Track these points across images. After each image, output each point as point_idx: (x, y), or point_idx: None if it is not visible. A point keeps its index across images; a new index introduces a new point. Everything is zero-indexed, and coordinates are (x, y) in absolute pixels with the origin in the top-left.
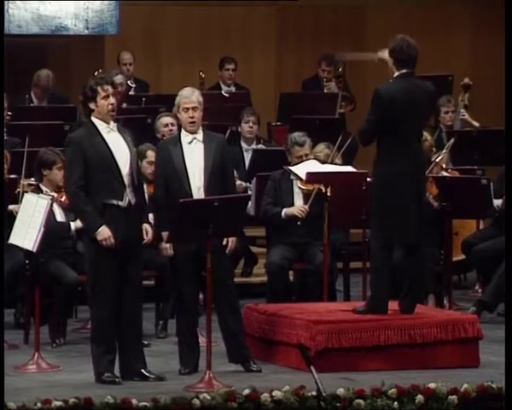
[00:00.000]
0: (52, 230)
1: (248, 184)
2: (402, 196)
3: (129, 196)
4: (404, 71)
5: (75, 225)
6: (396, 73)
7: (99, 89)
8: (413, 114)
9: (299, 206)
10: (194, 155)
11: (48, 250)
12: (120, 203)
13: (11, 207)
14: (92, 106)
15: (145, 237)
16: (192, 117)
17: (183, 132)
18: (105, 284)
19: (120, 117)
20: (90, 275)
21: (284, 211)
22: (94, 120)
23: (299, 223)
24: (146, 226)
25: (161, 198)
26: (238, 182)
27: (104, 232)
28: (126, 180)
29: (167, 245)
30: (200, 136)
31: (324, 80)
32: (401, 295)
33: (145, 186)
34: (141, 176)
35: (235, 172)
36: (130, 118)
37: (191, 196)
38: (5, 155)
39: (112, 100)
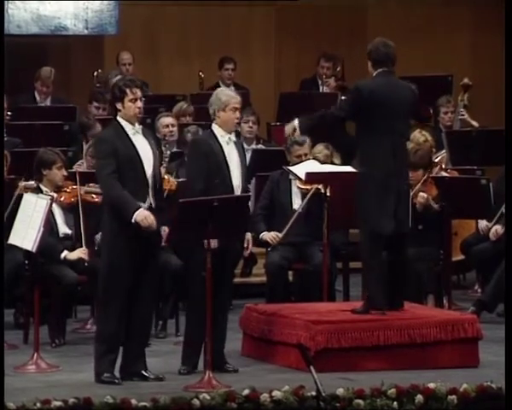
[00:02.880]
0: (44, 249)
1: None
2: (380, 193)
3: (151, 199)
4: (381, 70)
5: (65, 255)
6: (374, 73)
7: (128, 91)
8: (391, 111)
9: (273, 233)
10: (232, 153)
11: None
12: (143, 205)
13: None
14: (119, 106)
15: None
16: (238, 118)
17: (219, 131)
18: (120, 286)
19: None
20: (104, 276)
21: (261, 235)
22: (120, 120)
23: (269, 249)
24: (164, 228)
25: (201, 193)
26: None
27: (142, 213)
28: (150, 182)
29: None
30: (233, 137)
31: (324, 77)
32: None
33: None
34: (161, 179)
35: None
36: None
37: (233, 191)
38: (5, 156)
39: (139, 104)
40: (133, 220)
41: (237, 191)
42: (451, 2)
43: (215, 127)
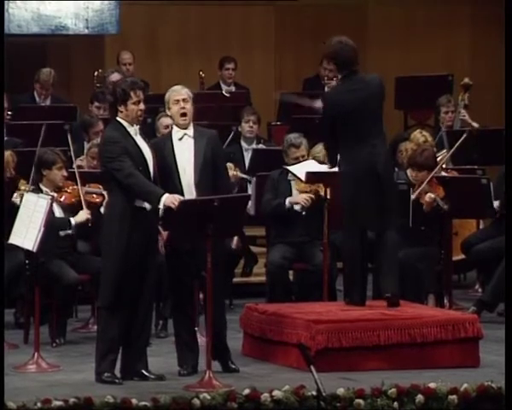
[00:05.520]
0: (52, 225)
1: (245, 175)
2: (359, 190)
3: None
4: (345, 72)
5: (75, 220)
6: (339, 76)
7: (132, 93)
8: (361, 110)
9: (305, 195)
10: (185, 151)
11: (47, 247)
12: (147, 206)
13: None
14: (121, 109)
15: (160, 238)
16: (183, 108)
17: (174, 129)
18: (127, 288)
19: None
20: (111, 279)
21: (288, 199)
22: (121, 121)
23: (304, 213)
24: (159, 229)
25: None
26: (233, 172)
27: (170, 197)
28: (153, 182)
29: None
30: (190, 132)
31: (325, 79)
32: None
33: None
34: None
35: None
36: None
37: (182, 192)
38: (11, 156)
39: (142, 106)
40: (161, 206)
41: (189, 190)
42: (451, 1)
43: (173, 127)
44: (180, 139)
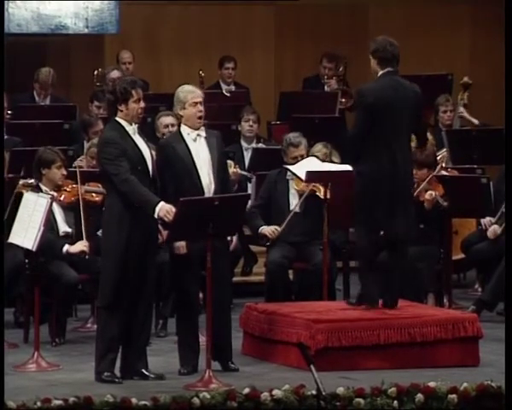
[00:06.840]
0: (44, 244)
1: (244, 172)
2: (386, 194)
3: None
4: (387, 69)
5: (67, 248)
6: (380, 72)
7: (133, 92)
8: (396, 112)
9: (272, 227)
10: (201, 151)
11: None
12: None
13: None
14: (122, 107)
15: (160, 237)
16: (201, 111)
17: (186, 129)
18: (127, 288)
19: None
20: (110, 279)
21: (261, 229)
22: (120, 121)
23: (268, 243)
24: (159, 227)
25: (172, 196)
26: (233, 169)
27: (164, 207)
28: (151, 181)
29: (182, 244)
30: (202, 132)
31: (325, 77)
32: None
33: None
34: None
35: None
36: None
37: (203, 191)
38: None
39: (142, 104)
40: (156, 215)
41: (208, 189)
42: (451, 1)
43: (182, 127)
44: (194, 140)
